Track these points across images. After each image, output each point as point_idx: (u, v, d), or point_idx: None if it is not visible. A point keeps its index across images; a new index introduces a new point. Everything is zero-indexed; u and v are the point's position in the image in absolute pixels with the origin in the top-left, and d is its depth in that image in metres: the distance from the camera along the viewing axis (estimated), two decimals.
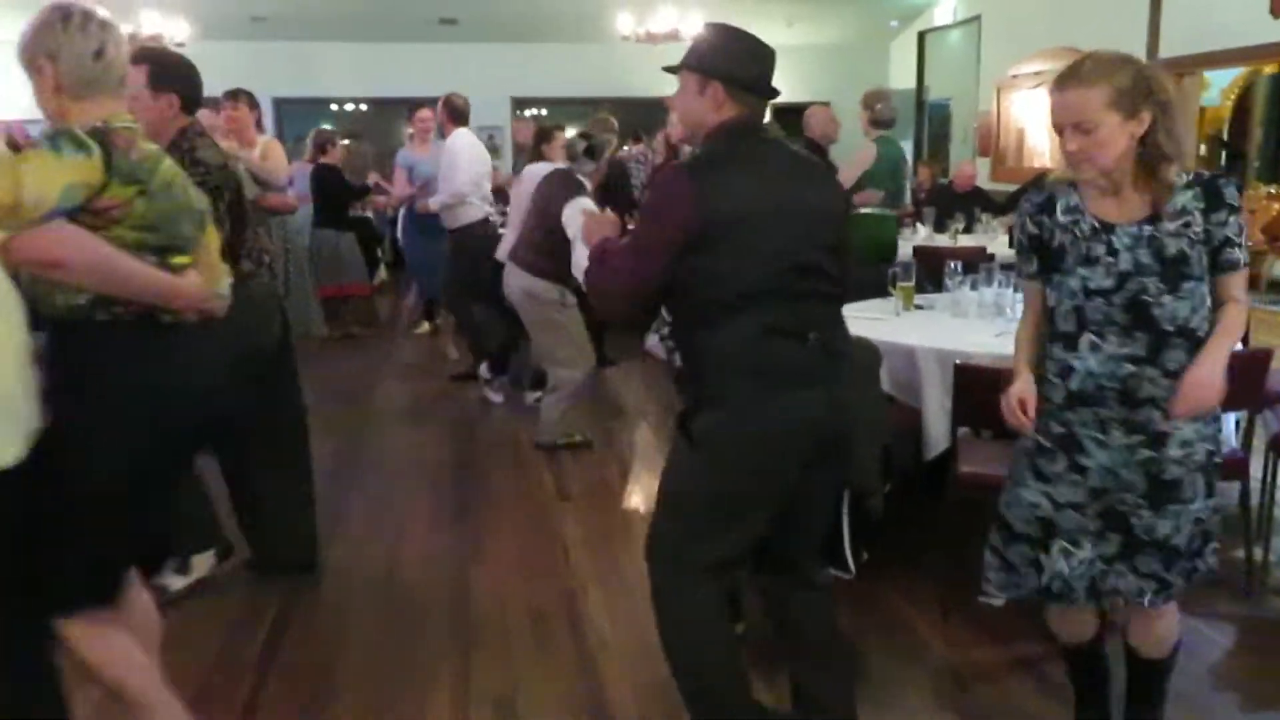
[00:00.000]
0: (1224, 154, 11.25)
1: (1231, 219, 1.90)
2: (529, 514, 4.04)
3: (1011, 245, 2.40)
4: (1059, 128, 1.89)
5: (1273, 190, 9.70)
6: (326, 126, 8.91)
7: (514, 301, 4.75)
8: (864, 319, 3.67)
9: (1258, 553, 3.24)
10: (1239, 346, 3.45)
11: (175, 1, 8.92)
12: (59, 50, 1.97)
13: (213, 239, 2.24)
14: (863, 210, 5.23)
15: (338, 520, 3.90)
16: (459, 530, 3.85)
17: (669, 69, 2.17)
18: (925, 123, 11.77)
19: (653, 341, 2.78)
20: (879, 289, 4.11)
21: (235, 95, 4.95)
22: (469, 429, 5.28)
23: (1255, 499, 3.29)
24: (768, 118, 2.32)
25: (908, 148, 11.43)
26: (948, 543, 3.13)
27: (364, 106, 13.22)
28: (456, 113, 6.09)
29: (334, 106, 13.49)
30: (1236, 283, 1.95)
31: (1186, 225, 1.89)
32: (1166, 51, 7.81)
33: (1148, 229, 1.90)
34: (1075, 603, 2.10)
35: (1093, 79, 1.84)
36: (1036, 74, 9.31)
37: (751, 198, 1.99)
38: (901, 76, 12.33)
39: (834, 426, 2.09)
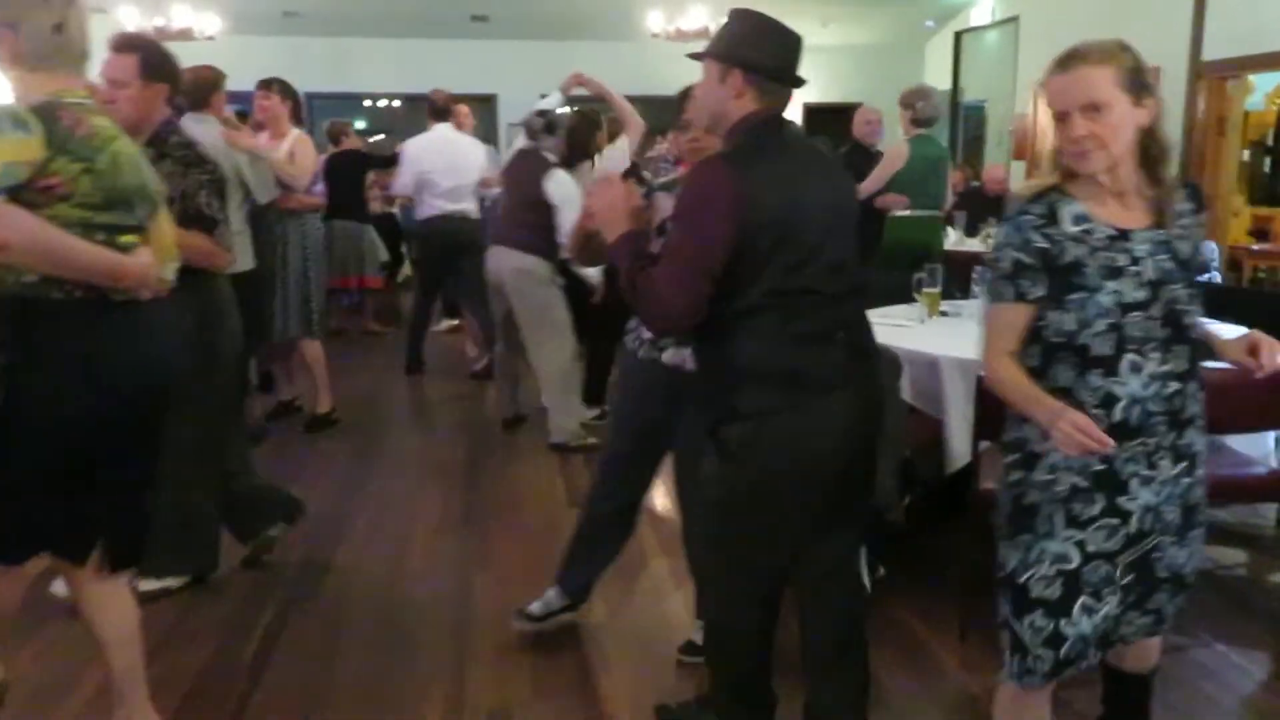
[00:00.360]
0: (1268, 160, 10.94)
1: (1204, 219, 1.84)
2: (538, 519, 3.94)
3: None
4: (1064, 113, 1.71)
5: None
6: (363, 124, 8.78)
7: (503, 283, 4.69)
8: (887, 325, 3.55)
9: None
10: None
11: None
12: (20, 20, 1.97)
13: (166, 221, 2.24)
14: (900, 213, 5.08)
15: (342, 523, 3.85)
16: (465, 535, 3.78)
17: (694, 56, 2.11)
18: (960, 125, 11.57)
19: (672, 354, 2.58)
20: (907, 294, 3.98)
21: (268, 84, 4.85)
22: (483, 429, 5.20)
23: None
24: (797, 116, 2.24)
25: None
26: (968, 560, 2.99)
27: (396, 103, 13.23)
28: (433, 109, 6.07)
29: (367, 102, 13.52)
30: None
31: (1185, 227, 1.79)
32: (1210, 53, 7.59)
33: (1161, 233, 1.76)
34: (1085, 663, 1.88)
35: (1099, 58, 1.70)
36: None
37: (785, 193, 1.93)
38: (937, 77, 12.11)
39: (867, 427, 2.08)
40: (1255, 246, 9.37)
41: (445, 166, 5.96)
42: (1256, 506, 3.50)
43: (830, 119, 13.20)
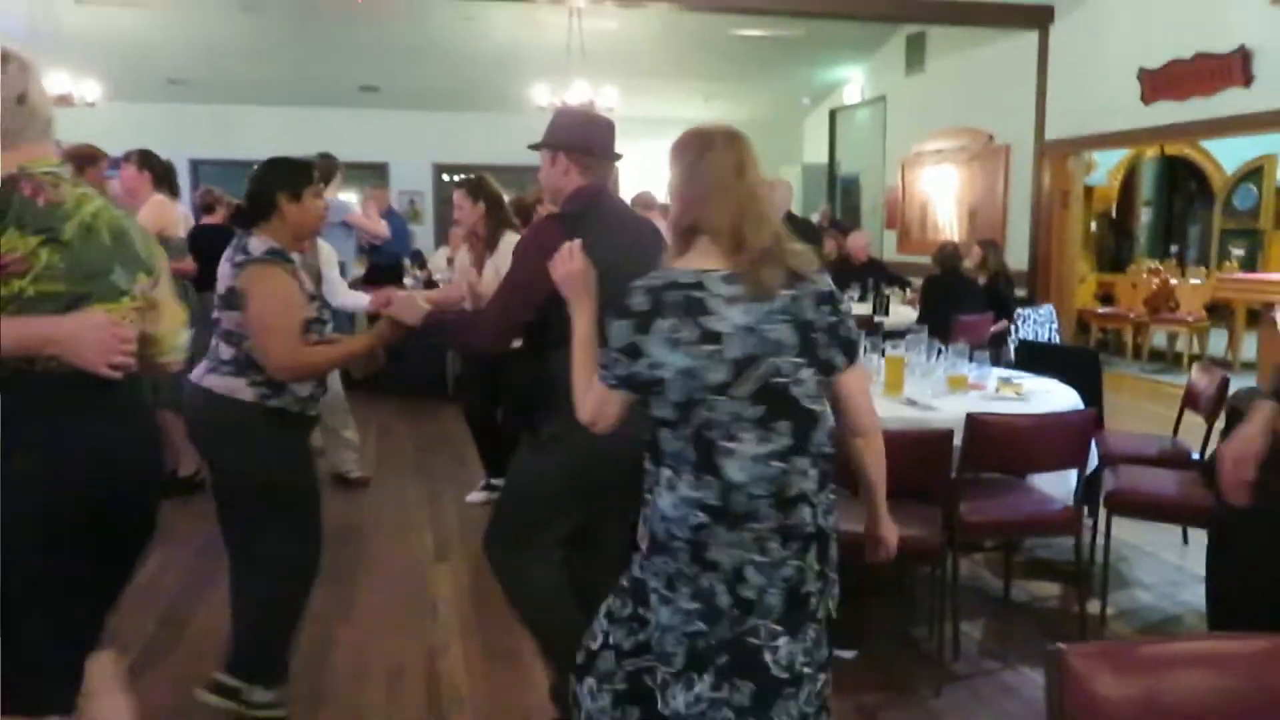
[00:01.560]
0: (1112, 231, 11.83)
1: None
2: (404, 573, 4.02)
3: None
4: None
5: (1154, 265, 10.22)
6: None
7: None
8: None
9: (1093, 606, 3.37)
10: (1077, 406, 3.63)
11: (86, 62, 8.90)
12: None
13: (165, 287, 2.08)
14: None
15: (204, 582, 3.85)
16: (331, 587, 3.80)
17: (532, 146, 2.60)
18: (837, 196, 12.21)
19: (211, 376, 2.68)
20: None
21: (128, 156, 4.96)
22: (346, 484, 5.22)
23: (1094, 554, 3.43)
24: None
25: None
26: None
27: None
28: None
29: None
30: None
31: None
32: (1052, 134, 8.28)
33: None
34: None
35: None
36: (938, 151, 9.75)
37: (606, 247, 2.27)
38: (814, 151, 12.79)
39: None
40: (1101, 310, 10.09)
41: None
42: (1066, 541, 3.78)
43: None
